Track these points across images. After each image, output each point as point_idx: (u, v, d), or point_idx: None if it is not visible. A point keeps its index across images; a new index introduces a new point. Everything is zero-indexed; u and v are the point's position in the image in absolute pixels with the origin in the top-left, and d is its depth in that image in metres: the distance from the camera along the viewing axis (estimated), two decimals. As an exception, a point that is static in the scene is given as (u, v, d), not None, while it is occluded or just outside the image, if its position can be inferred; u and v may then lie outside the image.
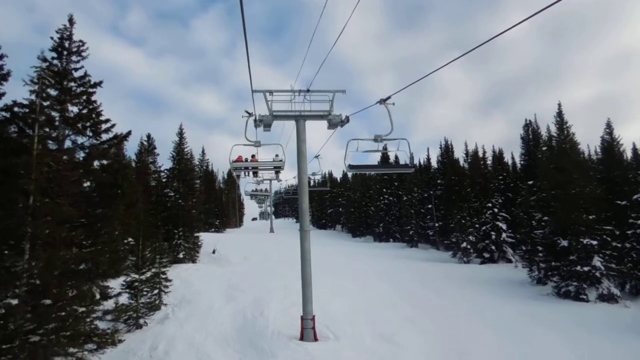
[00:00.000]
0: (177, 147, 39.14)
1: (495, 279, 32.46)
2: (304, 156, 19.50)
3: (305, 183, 19.48)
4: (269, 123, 19.90)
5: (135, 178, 37.76)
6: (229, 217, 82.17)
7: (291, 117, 19.88)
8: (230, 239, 50.89)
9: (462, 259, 39.87)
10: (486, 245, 39.99)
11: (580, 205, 27.30)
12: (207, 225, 65.24)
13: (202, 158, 69.96)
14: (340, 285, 28.23)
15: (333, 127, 20.16)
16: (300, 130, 19.67)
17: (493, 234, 39.89)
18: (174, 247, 35.73)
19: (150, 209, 36.61)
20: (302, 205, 19.19)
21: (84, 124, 14.91)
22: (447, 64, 9.23)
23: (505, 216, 41.27)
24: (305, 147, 19.57)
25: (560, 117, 29.58)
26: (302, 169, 19.46)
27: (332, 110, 19.62)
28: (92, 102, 15.39)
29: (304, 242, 18.82)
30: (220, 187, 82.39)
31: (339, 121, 19.71)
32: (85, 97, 15.32)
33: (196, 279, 30.22)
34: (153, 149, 47.64)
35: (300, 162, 19.45)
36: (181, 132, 39.87)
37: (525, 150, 46.03)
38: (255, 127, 20.18)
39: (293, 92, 19.67)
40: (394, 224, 60.77)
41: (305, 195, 19.33)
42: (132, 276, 20.49)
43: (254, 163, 21.38)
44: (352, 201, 75.21)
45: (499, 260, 40.07)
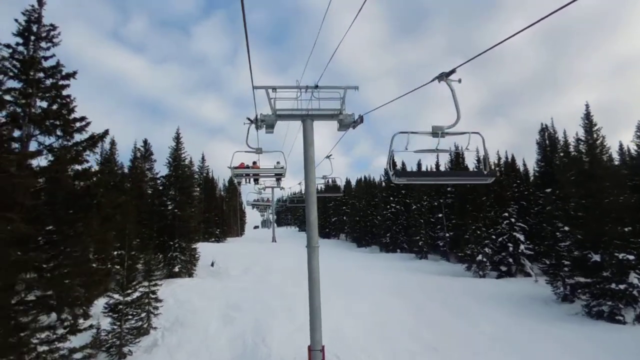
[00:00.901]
0: (173, 153, 36.72)
1: (517, 295, 29.88)
2: (312, 161, 17.09)
3: (313, 192, 17.04)
4: (271, 124, 17.53)
5: (130, 186, 35.48)
6: (230, 225, 79.68)
7: (297, 117, 17.48)
8: (230, 249, 48.39)
9: (477, 273, 37.29)
10: (503, 258, 37.43)
11: (614, 216, 24.77)
12: (206, 234, 62.78)
13: (202, 165, 67.68)
14: (350, 304, 25.75)
15: (344, 128, 17.76)
16: (308, 131, 17.25)
17: (510, 246, 37.33)
18: (169, 260, 33.25)
19: (144, 219, 34.30)
20: (310, 217, 16.74)
21: (53, 121, 12.49)
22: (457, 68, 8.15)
23: (522, 226, 38.74)
24: (313, 151, 17.16)
25: (589, 120, 27.13)
26: (310, 175, 17.04)
27: (343, 109, 17.24)
28: (63, 97, 12.98)
29: (312, 260, 16.34)
30: (221, 195, 79.94)
31: (351, 121, 17.29)
32: (55, 90, 12.89)
33: (192, 296, 27.72)
34: (150, 154, 45.45)
35: (307, 167, 17.03)
36: (178, 137, 37.50)
37: (541, 156, 43.54)
38: (257, 129, 17.79)
39: (299, 89, 17.27)
40: (402, 233, 58.23)
41: (314, 206, 16.90)
42: (115, 298, 17.99)
43: (254, 170, 20.14)
44: (357, 209, 72.74)
45: (516, 274, 37.50)
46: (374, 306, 25.41)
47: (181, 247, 33.97)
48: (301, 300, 21.34)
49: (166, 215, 34.22)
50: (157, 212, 34.45)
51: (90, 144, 12.93)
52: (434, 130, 8.98)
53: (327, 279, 24.14)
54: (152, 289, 21.06)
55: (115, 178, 31.03)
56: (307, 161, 17.01)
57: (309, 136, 17.22)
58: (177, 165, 36.32)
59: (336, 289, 27.51)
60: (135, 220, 32.60)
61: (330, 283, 27.55)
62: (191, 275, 33.98)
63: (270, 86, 17.14)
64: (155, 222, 34.45)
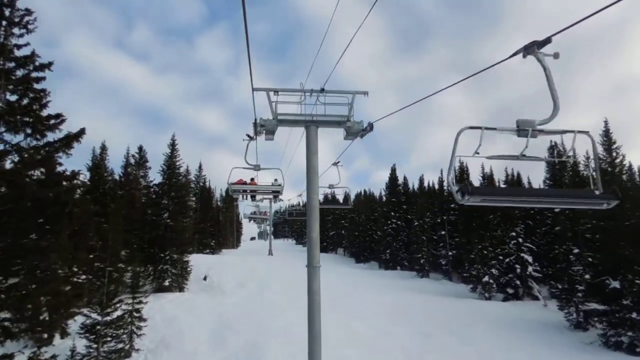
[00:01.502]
0: (168, 160, 35.12)
1: (526, 321, 28.17)
2: (315, 171, 15.49)
3: (316, 206, 15.40)
4: (272, 129, 15.96)
5: (121, 193, 33.79)
6: (226, 237, 77.75)
7: (300, 123, 15.92)
8: (225, 261, 46.50)
9: (483, 295, 35.51)
10: (510, 280, 35.69)
11: (634, 240, 23.15)
12: (201, 245, 60.88)
13: (199, 174, 66.00)
14: (352, 327, 24.00)
15: (351, 136, 16.21)
16: (311, 139, 15.68)
17: (517, 267, 35.62)
18: (160, 273, 31.48)
19: (134, 229, 32.58)
20: (312, 234, 15.08)
21: (21, 117, 10.88)
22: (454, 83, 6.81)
23: (530, 247, 37.06)
24: (317, 161, 15.58)
25: (608, 137, 25.62)
26: (313, 187, 15.42)
27: (351, 116, 15.70)
28: (36, 91, 11.39)
29: (312, 281, 14.63)
30: (218, 205, 78.06)
31: (359, 129, 15.72)
32: (27, 83, 11.30)
33: (181, 313, 25.93)
34: (145, 161, 43.79)
35: (310, 178, 15.42)
36: (173, 144, 35.95)
37: (550, 174, 41.98)
38: (256, 136, 16.25)
39: (303, 92, 15.73)
40: (402, 250, 56.40)
41: (316, 222, 15.25)
42: (93, 318, 16.25)
43: (252, 186, 20.19)
44: (356, 224, 70.92)
45: (523, 297, 35.75)
46: (376, 330, 23.66)
47: (172, 259, 32.22)
48: (298, 320, 19.70)
49: (158, 225, 32.48)
50: (149, 221, 32.71)
51: (63, 144, 11.34)
52: (522, 127, 5.74)
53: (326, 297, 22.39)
54: (136, 307, 19.27)
55: (104, 185, 29.33)
56: (309, 171, 15.43)
57: (312, 144, 15.65)
58: (171, 173, 34.70)
59: (336, 310, 25.71)
60: (124, 230, 30.94)
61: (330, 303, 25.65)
62: (182, 289, 32.19)
63: (272, 88, 15.58)
64: (147, 232, 32.71)
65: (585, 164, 40.08)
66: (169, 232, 32.55)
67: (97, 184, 28.80)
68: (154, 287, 31.65)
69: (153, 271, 32.06)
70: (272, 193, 20.23)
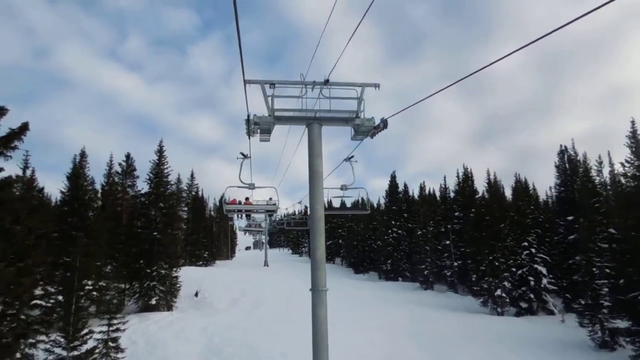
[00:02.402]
0: (155, 168, 32.63)
1: (547, 339, 25.81)
2: (320, 176, 13.14)
3: (320, 217, 13.04)
4: (268, 128, 13.66)
5: (102, 205, 31.28)
6: (220, 248, 75.05)
7: (301, 120, 13.62)
8: (218, 275, 43.93)
9: (494, 310, 33.10)
10: (523, 293, 33.31)
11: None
12: (193, 257, 58.30)
13: (191, 183, 63.48)
14: (356, 348, 21.55)
15: (361, 136, 13.91)
16: (314, 139, 13.34)
17: (531, 280, 33.25)
18: (146, 290, 28.93)
19: (118, 242, 30.09)
20: (316, 252, 12.72)
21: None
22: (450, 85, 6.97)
23: (544, 258, 34.74)
24: (321, 164, 13.24)
25: (636, 139, 23.40)
26: (317, 194, 13.07)
27: (361, 111, 13.40)
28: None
29: (318, 308, 12.23)
30: (211, 215, 75.37)
31: (370, 127, 13.43)
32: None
33: (168, 336, 23.41)
34: (132, 170, 41.39)
35: (314, 185, 13.08)
36: (161, 150, 33.46)
37: (561, 181, 39.79)
38: (249, 136, 13.91)
39: (304, 85, 13.44)
40: (403, 260, 53.94)
41: (321, 236, 12.92)
42: (56, 353, 13.74)
43: (247, 206, 20.21)
44: (354, 233, 68.45)
45: (537, 311, 33.36)
46: (385, 352, 21.25)
47: (160, 275, 29.68)
48: (296, 342, 17.50)
49: (145, 238, 29.91)
50: (135, 234, 30.16)
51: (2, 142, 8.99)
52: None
53: None
54: (112, 335, 16.74)
55: (84, 195, 26.78)
56: (313, 176, 13.05)
57: (316, 145, 13.28)
58: (159, 181, 32.18)
59: (338, 327, 23.24)
60: (107, 244, 28.43)
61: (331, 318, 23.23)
62: (170, 308, 29.64)
63: (267, 81, 13.23)
64: (133, 245, 30.17)
65: (597, 169, 38.03)
66: (157, 245, 30.01)
67: (76, 194, 26.27)
68: (139, 306, 29.09)
69: (139, 288, 29.52)
70: (267, 212, 21.01)
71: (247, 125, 13.22)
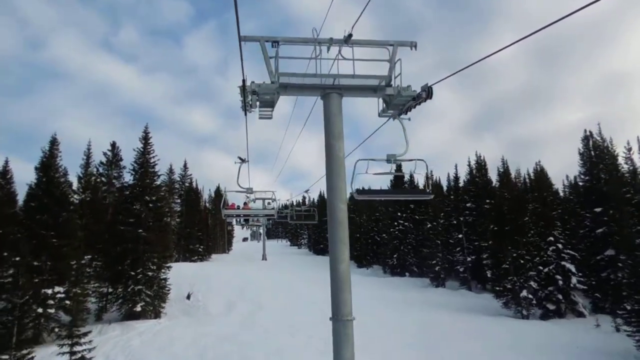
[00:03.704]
0: (140, 157, 29.08)
1: (586, 349, 22.63)
2: (341, 164, 9.82)
3: (342, 220, 9.75)
4: (270, 100, 10.35)
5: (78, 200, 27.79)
6: (216, 241, 71.73)
7: (315, 90, 10.29)
8: (213, 271, 40.60)
9: (519, 312, 29.88)
10: (550, 294, 30.08)
11: None
12: (187, 252, 55.01)
13: (184, 173, 59.92)
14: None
15: (393, 110, 10.59)
16: (333, 113, 9.98)
17: (559, 278, 30.01)
18: (130, 295, 25.57)
19: (97, 241, 26.71)
20: (339, 268, 9.52)
21: None
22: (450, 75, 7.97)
23: (572, 254, 31.47)
24: (342, 147, 9.91)
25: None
26: (337, 188, 9.77)
27: (394, 76, 10.03)
28: None
29: (342, 346, 8.98)
30: (206, 207, 71.97)
31: (407, 98, 10.05)
32: None
33: (152, 351, 20.13)
34: (118, 160, 37.98)
35: (333, 174, 9.76)
36: (146, 137, 29.92)
37: (586, 169, 36.41)
38: (245, 111, 10.55)
39: (317, 44, 10.06)
40: (410, 254, 50.72)
41: (345, 244, 9.72)
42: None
43: (245, 211, 20.16)
44: (356, 225, 65.20)
45: (566, 314, 30.17)
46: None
47: (147, 277, 26.32)
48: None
49: (128, 236, 26.45)
50: (117, 232, 26.70)
51: None
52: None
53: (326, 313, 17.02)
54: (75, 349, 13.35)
55: (56, 189, 23.23)
56: (331, 164, 9.67)
57: (334, 122, 9.90)
58: (144, 172, 28.66)
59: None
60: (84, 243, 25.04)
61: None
62: (158, 315, 26.34)
63: (269, 37, 9.86)
64: (115, 244, 26.75)
65: (626, 155, 34.78)
66: (142, 244, 26.60)
67: (47, 187, 22.78)
68: (123, 314, 25.75)
69: (122, 292, 26.16)
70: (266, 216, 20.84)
71: (243, 94, 9.80)
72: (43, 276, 21.08)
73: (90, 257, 26.27)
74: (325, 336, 18.68)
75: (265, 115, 11.08)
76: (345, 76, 10.01)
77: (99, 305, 26.64)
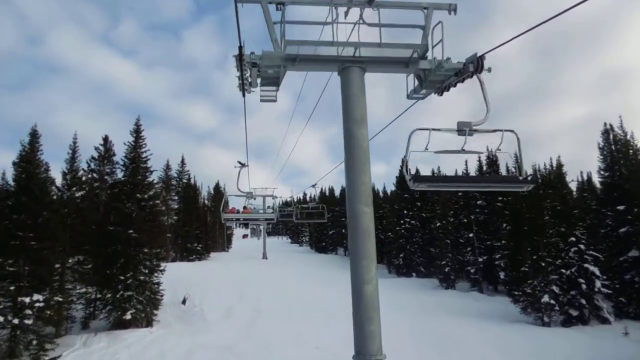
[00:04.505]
0: (131, 152, 26.97)
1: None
2: (366, 156, 7.72)
3: (368, 228, 7.59)
4: (274, 77, 8.31)
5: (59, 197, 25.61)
6: (215, 239, 69.62)
7: (331, 62, 8.18)
8: (211, 271, 38.70)
9: (539, 318, 27.78)
10: (572, 299, 27.97)
11: None
12: (185, 252, 53.04)
13: (182, 169, 57.76)
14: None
15: (427, 89, 8.50)
16: (353, 92, 7.88)
17: (582, 282, 27.92)
18: (119, 302, 23.50)
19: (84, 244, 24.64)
20: (364, 291, 7.33)
21: None
22: None
23: (596, 255, 29.34)
24: (366, 134, 7.83)
25: None
26: (361, 186, 7.67)
27: (432, 45, 7.92)
28: None
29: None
30: (205, 204, 69.78)
31: (449, 73, 7.98)
32: None
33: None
34: (111, 155, 35.81)
35: (355, 170, 7.68)
36: (138, 130, 27.83)
37: (607, 164, 34.22)
38: (243, 92, 8.43)
39: (334, 6, 7.94)
40: (417, 253, 48.69)
41: (372, 260, 7.53)
42: None
43: (245, 215, 19.98)
44: (360, 223, 62.99)
45: (589, 320, 28.07)
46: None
47: (138, 282, 24.26)
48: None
49: (118, 237, 24.35)
50: (105, 233, 24.60)
51: None
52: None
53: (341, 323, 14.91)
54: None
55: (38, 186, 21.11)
56: (352, 156, 7.59)
57: (356, 103, 7.76)
58: (135, 168, 26.55)
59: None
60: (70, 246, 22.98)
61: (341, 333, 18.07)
62: (150, 323, 24.28)
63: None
64: (104, 246, 24.68)
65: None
66: (133, 246, 24.52)
67: (26, 183, 20.65)
68: (111, 322, 23.69)
69: (111, 298, 24.09)
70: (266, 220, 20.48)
71: (239, 67, 7.71)
72: (20, 283, 18.98)
73: (76, 260, 24.18)
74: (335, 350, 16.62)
75: (268, 97, 8.96)
76: (369, 44, 7.90)
77: (85, 312, 24.60)
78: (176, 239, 53.00)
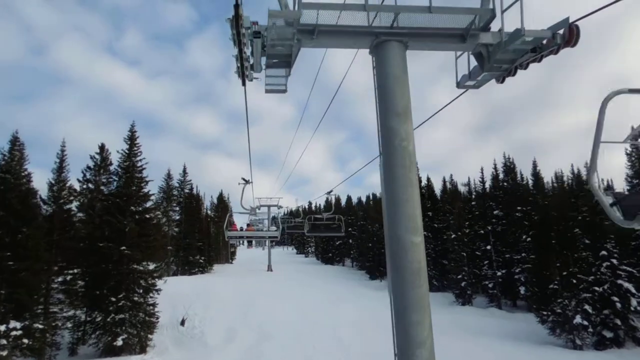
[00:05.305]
0: (125, 161, 24.93)
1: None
2: (412, 162, 5.52)
3: (420, 261, 5.37)
4: (283, 55, 6.07)
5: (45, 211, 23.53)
6: (219, 251, 67.27)
7: (361, 35, 5.98)
8: (213, 286, 36.36)
9: (570, 340, 25.40)
10: (606, 318, 25.62)
11: None
12: (186, 265, 50.80)
13: (184, 179, 55.64)
14: None
15: (489, 71, 6.31)
16: (392, 74, 5.71)
17: (616, 300, 25.57)
18: (110, 326, 21.31)
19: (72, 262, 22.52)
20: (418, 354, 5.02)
21: None
22: None
23: (630, 271, 26.97)
24: (411, 131, 5.60)
25: None
26: (405, 200, 5.46)
27: (501, 10, 5.69)
28: None
29: None
30: (208, 215, 67.61)
31: (525, 48, 5.77)
32: None
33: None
34: (107, 165, 33.76)
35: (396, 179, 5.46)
36: (132, 136, 25.81)
37: (636, 171, 31.93)
38: (243, 79, 6.20)
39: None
40: (429, 266, 46.32)
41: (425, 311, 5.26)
42: None
43: (249, 233, 19.84)
44: (368, 233, 60.72)
45: (625, 342, 25.67)
46: None
47: (131, 303, 22.09)
48: None
49: (109, 255, 22.22)
50: (95, 250, 22.46)
51: None
52: None
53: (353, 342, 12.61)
54: None
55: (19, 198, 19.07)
56: (392, 163, 5.48)
57: (397, 91, 5.57)
58: (129, 177, 24.48)
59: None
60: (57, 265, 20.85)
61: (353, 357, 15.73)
62: (144, 349, 22.04)
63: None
64: (94, 264, 22.56)
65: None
66: (126, 264, 22.38)
67: (3, 196, 18.58)
68: (101, 348, 21.49)
69: (102, 322, 21.90)
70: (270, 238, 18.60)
71: (236, 38, 5.43)
72: None
73: (62, 280, 22.05)
74: None
75: (275, 86, 6.80)
76: (413, 9, 5.80)
77: (73, 336, 22.40)
78: (177, 252, 50.86)
